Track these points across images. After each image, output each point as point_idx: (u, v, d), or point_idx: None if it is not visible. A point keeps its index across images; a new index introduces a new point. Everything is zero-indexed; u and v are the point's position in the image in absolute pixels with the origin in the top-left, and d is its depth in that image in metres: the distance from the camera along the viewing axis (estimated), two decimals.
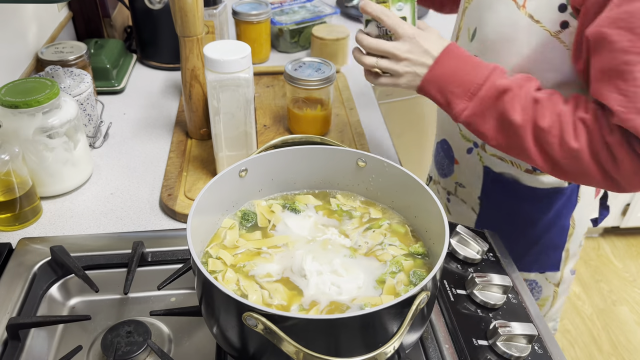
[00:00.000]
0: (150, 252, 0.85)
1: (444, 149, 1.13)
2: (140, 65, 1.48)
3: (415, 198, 0.72)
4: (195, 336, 0.77)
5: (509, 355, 0.70)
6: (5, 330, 0.73)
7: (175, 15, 0.98)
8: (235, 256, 0.70)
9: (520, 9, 0.84)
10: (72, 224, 0.95)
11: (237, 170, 0.74)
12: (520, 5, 0.84)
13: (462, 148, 1.06)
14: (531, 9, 0.83)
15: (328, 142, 0.79)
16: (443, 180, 1.17)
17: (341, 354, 0.55)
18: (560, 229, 1.04)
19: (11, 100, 0.89)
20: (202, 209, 0.68)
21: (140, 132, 1.20)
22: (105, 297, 0.83)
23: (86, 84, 1.09)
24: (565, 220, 1.03)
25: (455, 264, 0.83)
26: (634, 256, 2.44)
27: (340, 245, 0.72)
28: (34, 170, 0.95)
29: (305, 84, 1.08)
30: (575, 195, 1.01)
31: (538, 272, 1.09)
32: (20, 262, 0.83)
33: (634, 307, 2.19)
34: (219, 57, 0.87)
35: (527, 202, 1.01)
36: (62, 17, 1.41)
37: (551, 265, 1.08)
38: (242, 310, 0.55)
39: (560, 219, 1.03)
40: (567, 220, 1.03)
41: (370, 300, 0.64)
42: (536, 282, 1.11)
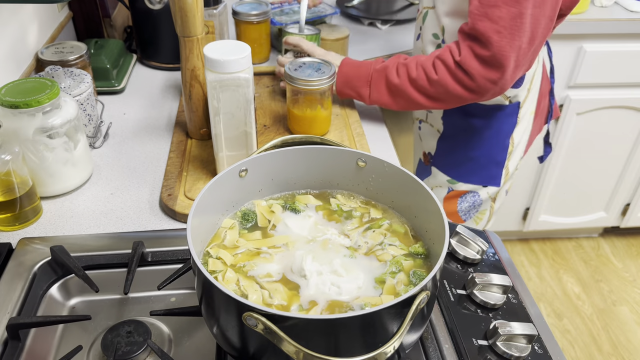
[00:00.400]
0: (150, 252, 0.85)
1: None
2: (140, 65, 1.49)
3: (415, 198, 0.72)
4: (195, 336, 0.77)
5: (509, 355, 0.70)
6: (5, 330, 0.73)
7: (175, 15, 0.98)
8: (235, 256, 0.70)
9: None
10: (72, 224, 0.95)
11: (237, 170, 0.74)
12: None
13: None
14: None
15: (328, 142, 0.80)
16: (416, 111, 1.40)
17: (341, 354, 0.55)
18: (501, 146, 1.26)
19: (11, 100, 0.89)
20: (202, 209, 0.68)
21: (140, 132, 1.20)
22: (105, 297, 0.83)
23: (86, 84, 1.09)
24: (506, 138, 1.25)
25: (455, 264, 0.83)
26: (634, 256, 2.43)
27: (340, 245, 0.72)
28: (34, 170, 0.95)
29: (305, 84, 1.08)
30: (515, 116, 1.23)
31: (482, 185, 1.30)
32: (20, 262, 0.83)
33: (634, 307, 2.19)
34: (219, 57, 0.87)
35: (476, 117, 1.23)
36: (62, 17, 1.41)
37: (493, 180, 1.30)
38: (242, 310, 0.55)
39: (501, 136, 1.25)
40: (507, 139, 1.26)
41: (370, 300, 0.64)
42: (478, 194, 1.31)
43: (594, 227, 2.47)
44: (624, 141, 2.10)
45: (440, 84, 1.06)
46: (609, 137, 2.08)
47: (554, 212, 2.29)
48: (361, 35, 1.69)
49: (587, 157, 2.12)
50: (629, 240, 2.51)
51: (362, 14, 1.80)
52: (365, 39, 1.67)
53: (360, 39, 1.65)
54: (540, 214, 2.28)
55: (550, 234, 2.48)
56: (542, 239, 2.49)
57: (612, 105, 1.99)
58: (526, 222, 2.30)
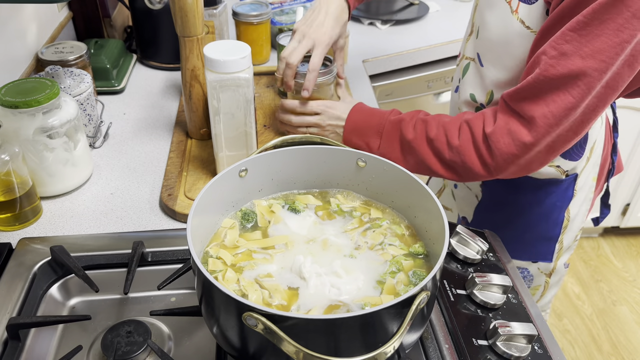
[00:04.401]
0: (150, 252, 0.85)
1: None
2: (140, 65, 1.48)
3: (415, 198, 0.72)
4: (195, 336, 0.77)
5: (509, 355, 0.70)
6: (5, 330, 0.73)
7: (175, 15, 0.98)
8: (235, 256, 0.70)
9: (513, 13, 0.88)
10: (72, 224, 0.95)
11: (237, 170, 0.74)
12: (514, 10, 0.88)
13: None
14: (522, 14, 0.87)
15: (328, 142, 0.80)
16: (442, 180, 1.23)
17: (341, 354, 0.55)
18: (554, 221, 1.08)
19: (11, 100, 0.89)
20: (202, 209, 0.68)
21: (140, 132, 1.20)
22: (105, 297, 0.83)
23: (86, 84, 1.09)
24: (560, 213, 1.08)
25: (455, 264, 0.83)
26: (634, 256, 2.44)
27: (340, 245, 0.72)
28: (34, 170, 0.95)
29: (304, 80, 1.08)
30: (571, 189, 1.05)
31: (530, 260, 1.13)
32: (20, 262, 0.83)
33: (634, 307, 2.19)
34: (219, 57, 0.87)
35: (524, 191, 1.06)
36: (62, 17, 1.41)
37: (544, 255, 1.13)
38: (242, 310, 0.55)
39: (555, 211, 1.07)
40: (562, 213, 1.08)
41: (370, 300, 0.64)
42: (527, 270, 1.15)
43: (594, 227, 2.47)
44: (624, 141, 2.10)
45: (458, 152, 0.90)
46: None
47: None
48: (361, 35, 1.69)
49: None
50: (629, 240, 2.51)
51: (362, 14, 1.80)
52: (365, 39, 1.67)
53: (360, 39, 1.65)
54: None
55: None
56: None
57: None
58: None
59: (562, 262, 1.15)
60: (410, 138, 0.94)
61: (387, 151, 0.98)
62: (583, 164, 1.04)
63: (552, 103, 0.81)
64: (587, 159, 1.04)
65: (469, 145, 0.90)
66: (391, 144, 0.97)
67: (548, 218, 1.08)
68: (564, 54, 0.79)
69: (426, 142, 0.93)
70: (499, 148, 0.86)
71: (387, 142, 0.98)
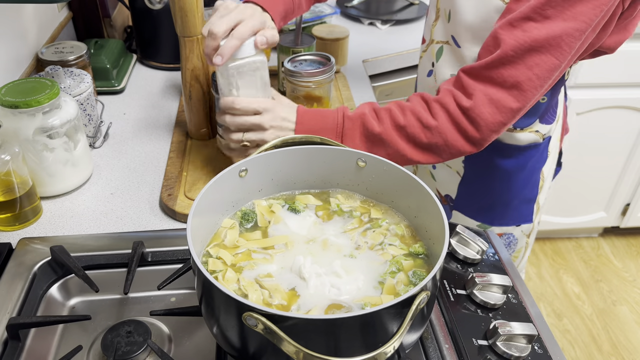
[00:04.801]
0: (150, 252, 0.85)
1: None
2: (140, 65, 1.49)
3: (415, 198, 0.72)
4: (195, 336, 0.77)
5: (509, 355, 0.70)
6: (5, 330, 0.73)
7: (175, 15, 0.98)
8: (235, 256, 0.70)
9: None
10: (72, 224, 0.95)
11: (237, 170, 0.74)
12: None
13: None
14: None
15: (328, 142, 0.80)
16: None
17: (341, 354, 0.55)
18: (533, 183, 1.13)
19: (11, 100, 0.89)
20: (202, 209, 0.68)
21: (140, 132, 1.20)
22: (105, 297, 0.83)
23: (86, 84, 1.09)
24: (537, 174, 1.13)
25: (455, 264, 0.83)
26: (634, 256, 2.43)
27: (340, 245, 0.72)
28: (34, 170, 0.95)
29: (305, 79, 1.08)
30: (546, 150, 1.10)
31: (515, 225, 1.17)
32: (20, 262, 0.83)
33: (634, 307, 2.19)
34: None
35: (506, 159, 1.09)
36: (62, 17, 1.41)
37: (526, 217, 1.17)
38: (242, 310, 0.55)
39: (534, 174, 1.12)
40: (538, 174, 1.13)
41: (370, 300, 0.64)
42: (513, 235, 1.19)
43: (594, 227, 2.47)
44: (623, 141, 2.10)
45: (438, 132, 0.88)
46: (609, 137, 2.08)
47: (554, 212, 2.29)
48: (361, 35, 1.69)
49: (587, 157, 2.12)
50: (629, 240, 2.51)
51: (362, 14, 1.80)
52: (365, 39, 1.67)
53: (360, 39, 1.65)
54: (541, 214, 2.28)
55: (550, 234, 2.48)
56: (542, 239, 2.49)
57: (612, 105, 1.99)
58: None
59: (537, 221, 1.22)
60: (378, 131, 0.90)
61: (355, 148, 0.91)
62: (555, 126, 1.09)
63: (535, 67, 0.83)
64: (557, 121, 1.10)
65: (448, 124, 0.88)
66: (353, 141, 0.92)
67: (528, 182, 1.12)
68: (547, 18, 0.82)
69: (397, 131, 0.90)
70: (484, 119, 0.86)
71: (349, 140, 0.92)
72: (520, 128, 1.04)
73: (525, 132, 1.05)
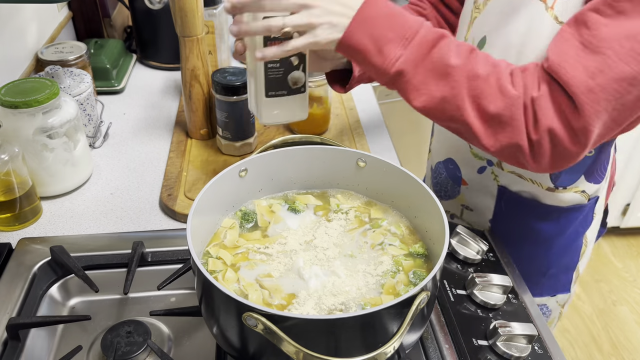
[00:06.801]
0: (150, 252, 0.85)
1: (448, 169, 1.02)
2: (140, 65, 1.48)
3: (415, 198, 0.72)
4: (195, 336, 0.77)
5: (509, 355, 0.70)
6: (5, 330, 0.73)
7: (175, 15, 0.98)
8: (235, 256, 0.70)
9: (548, 10, 0.76)
10: (72, 224, 0.95)
11: (237, 170, 0.74)
12: (549, 6, 0.75)
13: (473, 167, 0.96)
14: (558, 10, 0.75)
15: (328, 142, 0.80)
16: (446, 203, 1.05)
17: (341, 354, 0.55)
18: (575, 250, 0.97)
19: (11, 100, 0.89)
20: (202, 209, 0.68)
21: (140, 132, 1.20)
22: (105, 297, 0.82)
23: (86, 84, 1.09)
24: (580, 239, 0.97)
25: (455, 264, 0.83)
26: (634, 256, 2.43)
27: (340, 245, 0.72)
28: (34, 170, 0.95)
29: None
30: (591, 213, 0.95)
31: (550, 295, 1.02)
32: (20, 262, 0.83)
33: (634, 307, 2.19)
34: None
35: (545, 222, 0.93)
36: (62, 17, 1.41)
37: (563, 287, 1.02)
38: (242, 310, 0.55)
39: (576, 239, 0.96)
40: (581, 240, 0.97)
41: (370, 300, 0.64)
42: (546, 306, 1.04)
43: None
44: (623, 141, 2.10)
45: (511, 104, 0.69)
46: None
47: None
48: None
49: None
50: (629, 240, 2.51)
51: None
52: None
53: None
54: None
55: None
56: None
57: None
58: None
59: (574, 288, 1.05)
60: (452, 64, 0.70)
61: (409, 67, 0.70)
62: (605, 185, 0.93)
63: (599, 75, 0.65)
64: (606, 179, 0.93)
65: (519, 103, 0.69)
66: (421, 59, 0.70)
67: (569, 248, 0.96)
68: (621, 13, 0.65)
69: (468, 78, 0.70)
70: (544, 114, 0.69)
71: (414, 61, 0.70)
72: (563, 187, 0.88)
73: (569, 191, 0.89)
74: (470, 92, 0.70)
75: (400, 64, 0.70)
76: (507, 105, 0.69)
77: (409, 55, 0.70)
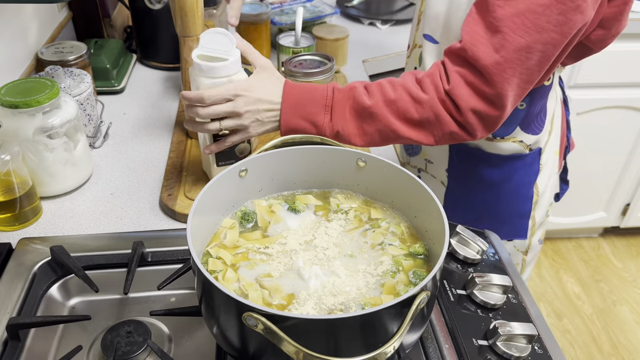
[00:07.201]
0: (150, 252, 0.85)
1: None
2: (140, 65, 1.49)
3: (415, 198, 0.72)
4: (195, 336, 0.77)
5: (509, 355, 0.70)
6: (5, 330, 0.73)
7: (175, 15, 0.98)
8: (235, 256, 0.70)
9: None
10: (72, 224, 0.95)
11: (237, 170, 0.74)
12: None
13: None
14: None
15: (328, 142, 0.80)
16: (412, 159, 1.20)
17: (341, 354, 0.55)
18: (524, 197, 1.09)
19: (11, 100, 0.89)
20: (202, 209, 0.68)
21: (140, 132, 1.20)
22: (105, 297, 0.83)
23: (86, 84, 1.09)
24: (529, 188, 1.09)
25: (455, 264, 0.83)
26: (634, 256, 2.43)
27: (340, 245, 0.72)
28: (34, 170, 0.95)
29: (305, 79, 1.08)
30: (537, 163, 1.07)
31: (506, 239, 1.13)
32: (20, 262, 0.83)
33: (634, 307, 2.19)
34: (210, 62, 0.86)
35: (491, 169, 1.06)
36: (62, 17, 1.41)
37: (518, 233, 1.13)
38: (242, 310, 0.55)
39: (523, 187, 1.08)
40: (530, 189, 1.09)
41: (370, 300, 0.64)
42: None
43: (594, 227, 2.47)
44: (623, 141, 2.10)
45: (429, 106, 0.83)
46: (609, 137, 2.08)
47: (554, 212, 2.29)
48: (361, 35, 1.69)
49: (587, 157, 2.12)
50: (629, 240, 2.51)
51: (362, 14, 1.80)
52: (365, 39, 1.67)
53: (360, 39, 1.65)
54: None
55: (550, 234, 2.48)
56: None
57: (612, 105, 1.99)
58: None
59: (537, 239, 1.17)
60: (369, 104, 0.85)
61: (339, 125, 0.86)
62: (545, 137, 1.05)
63: (501, 49, 0.79)
64: (548, 132, 1.05)
65: (436, 100, 0.84)
66: (343, 114, 0.86)
67: (518, 194, 1.09)
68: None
69: (387, 105, 0.85)
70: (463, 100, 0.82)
71: (339, 114, 0.86)
72: (501, 137, 1.02)
73: (507, 141, 1.02)
74: (393, 114, 0.85)
75: (333, 126, 0.86)
76: (425, 108, 0.84)
77: (336, 116, 0.86)
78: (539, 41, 0.79)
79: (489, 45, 0.80)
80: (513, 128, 1.01)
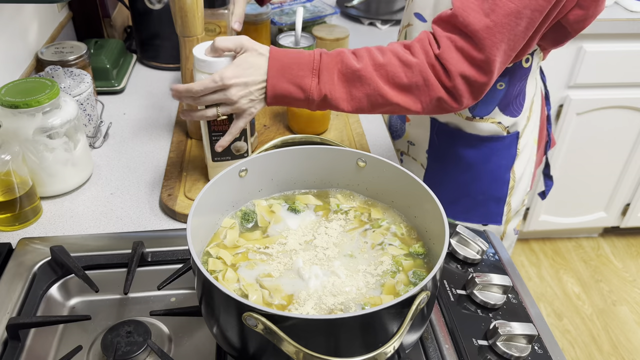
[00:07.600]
0: (150, 252, 0.85)
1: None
2: (140, 65, 1.48)
3: (415, 198, 0.72)
4: (195, 336, 0.77)
5: (509, 355, 0.70)
6: (5, 330, 0.73)
7: (175, 15, 0.98)
8: (235, 256, 0.70)
9: None
10: (72, 224, 0.95)
11: (237, 170, 0.74)
12: None
13: None
14: None
15: (328, 142, 0.80)
16: (397, 142, 1.22)
17: (341, 354, 0.55)
18: (501, 181, 1.11)
19: (11, 100, 0.89)
20: (202, 209, 0.68)
21: (140, 132, 1.20)
22: (105, 297, 0.83)
23: (86, 84, 1.09)
24: (505, 173, 1.11)
25: (455, 264, 0.83)
26: (634, 256, 2.43)
27: (340, 245, 0.72)
28: (34, 170, 0.95)
29: None
30: (514, 147, 1.09)
31: (481, 223, 1.15)
32: (20, 262, 0.83)
33: (634, 307, 2.19)
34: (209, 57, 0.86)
35: (469, 149, 1.09)
36: (62, 17, 1.41)
37: (493, 217, 1.15)
38: (242, 310, 0.55)
39: (500, 170, 1.10)
40: (507, 173, 1.11)
41: (370, 300, 0.64)
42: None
43: (594, 227, 2.47)
44: (623, 141, 2.10)
45: (419, 70, 0.84)
46: (609, 137, 2.08)
47: (554, 212, 2.29)
48: (361, 35, 1.69)
49: (587, 157, 2.12)
50: (629, 240, 2.51)
51: (362, 14, 1.80)
52: (365, 39, 1.67)
53: (360, 39, 1.65)
54: (540, 214, 2.28)
55: (550, 234, 2.48)
56: (542, 239, 2.49)
57: (612, 105, 1.99)
58: (526, 222, 2.30)
59: (512, 227, 1.19)
60: (358, 67, 0.84)
61: (326, 88, 0.85)
62: (524, 122, 1.07)
63: (491, 13, 0.81)
64: (527, 117, 1.07)
65: (426, 64, 0.84)
66: (331, 79, 0.85)
67: (495, 177, 1.11)
68: None
69: (376, 69, 0.84)
70: (453, 64, 0.83)
71: (326, 77, 0.85)
72: (480, 117, 1.04)
73: (486, 121, 1.05)
74: (382, 78, 0.85)
75: (321, 89, 0.85)
76: (415, 72, 0.84)
77: (323, 78, 0.85)
78: (528, 7, 0.81)
79: (480, 11, 0.82)
80: (492, 108, 1.04)
